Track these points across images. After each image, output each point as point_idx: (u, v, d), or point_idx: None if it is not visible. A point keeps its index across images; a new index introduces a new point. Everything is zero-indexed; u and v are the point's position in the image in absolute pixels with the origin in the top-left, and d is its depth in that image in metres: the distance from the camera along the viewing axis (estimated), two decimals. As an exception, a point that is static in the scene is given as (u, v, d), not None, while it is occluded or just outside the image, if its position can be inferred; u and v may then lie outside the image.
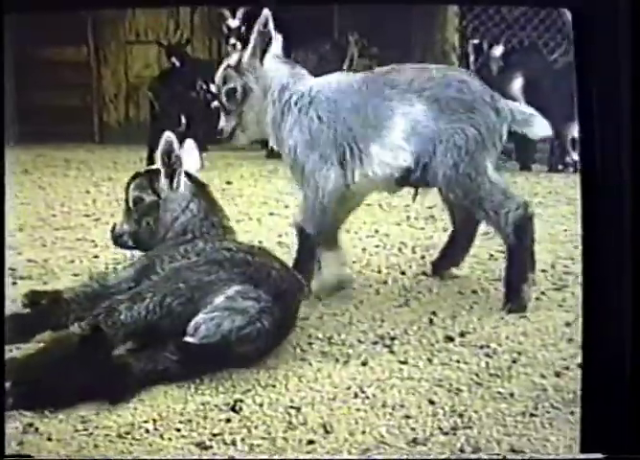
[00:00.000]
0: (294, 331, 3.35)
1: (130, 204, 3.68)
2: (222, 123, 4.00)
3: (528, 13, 9.99)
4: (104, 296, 3.33)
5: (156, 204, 3.62)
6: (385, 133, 3.79)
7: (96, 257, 4.79)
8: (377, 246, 4.95)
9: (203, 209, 3.62)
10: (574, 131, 7.32)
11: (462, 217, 4.15)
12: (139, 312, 3.02)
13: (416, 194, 4.09)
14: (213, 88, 7.51)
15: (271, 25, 3.82)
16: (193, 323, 3.02)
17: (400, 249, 4.86)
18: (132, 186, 3.66)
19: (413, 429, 2.64)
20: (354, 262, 4.57)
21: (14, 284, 4.20)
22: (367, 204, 5.36)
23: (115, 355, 3.00)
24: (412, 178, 3.86)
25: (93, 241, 5.19)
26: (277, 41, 3.92)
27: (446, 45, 9.80)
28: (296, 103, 3.86)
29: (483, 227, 4.20)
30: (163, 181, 3.60)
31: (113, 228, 3.79)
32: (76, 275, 4.40)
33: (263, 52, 3.88)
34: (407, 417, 2.72)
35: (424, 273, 4.35)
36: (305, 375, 3.05)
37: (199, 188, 3.68)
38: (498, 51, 8.82)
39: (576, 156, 7.57)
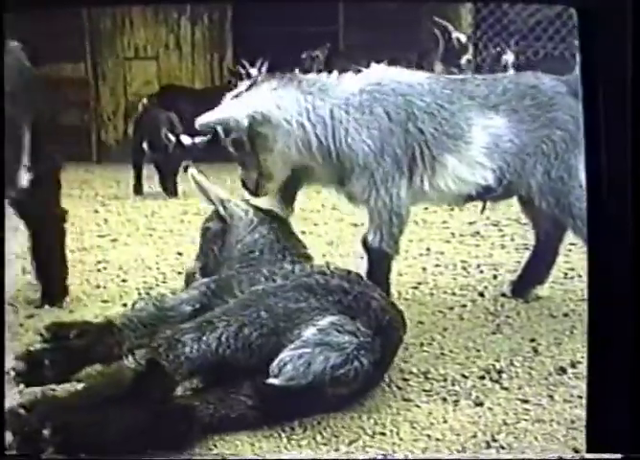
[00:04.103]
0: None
1: (200, 239, 3.42)
2: (242, 175, 3.40)
3: (543, 23, 9.68)
4: (163, 320, 2.88)
5: (222, 231, 3.30)
6: (463, 146, 3.40)
7: (124, 281, 4.26)
8: (437, 266, 4.46)
9: (274, 232, 3.23)
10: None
11: (547, 229, 3.77)
12: (208, 344, 2.51)
13: (484, 207, 3.71)
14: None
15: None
16: (277, 361, 2.50)
17: (464, 268, 4.37)
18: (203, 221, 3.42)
19: (573, 487, 2.15)
20: (418, 283, 4.11)
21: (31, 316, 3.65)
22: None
23: (177, 395, 2.50)
24: (489, 196, 3.52)
25: (118, 264, 4.63)
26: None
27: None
28: (353, 105, 3.35)
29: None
30: (230, 207, 3.31)
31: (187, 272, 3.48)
32: (105, 302, 3.91)
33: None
34: (559, 472, 2.22)
35: (504, 295, 3.85)
36: (416, 419, 2.56)
37: (270, 216, 3.33)
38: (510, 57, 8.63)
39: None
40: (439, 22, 8.49)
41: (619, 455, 2.02)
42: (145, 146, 7.46)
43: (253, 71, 8.18)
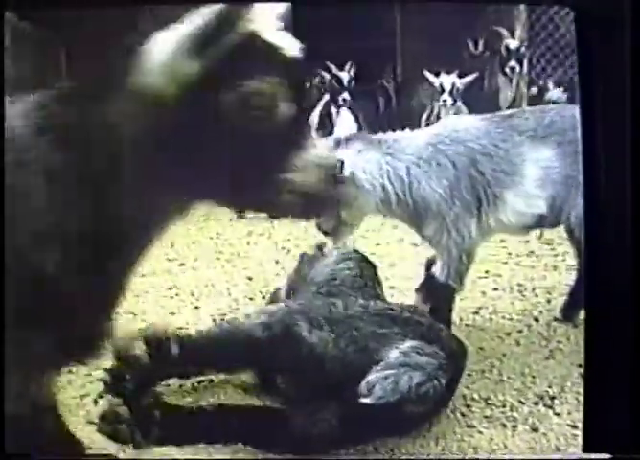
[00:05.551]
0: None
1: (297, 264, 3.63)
2: (321, 223, 3.68)
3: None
4: (236, 342, 3.06)
5: (315, 257, 3.54)
6: (519, 180, 3.65)
7: (197, 308, 4.50)
8: (495, 289, 4.67)
9: (359, 269, 3.43)
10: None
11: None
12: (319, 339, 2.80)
13: (542, 233, 4.02)
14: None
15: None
16: (364, 383, 2.70)
17: (520, 292, 4.58)
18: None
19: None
20: (479, 308, 4.31)
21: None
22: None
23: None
24: (544, 223, 3.78)
25: (189, 290, 4.88)
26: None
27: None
28: (423, 158, 3.62)
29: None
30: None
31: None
32: (180, 328, 4.07)
33: None
34: (608, 495, 2.43)
35: (556, 319, 4.07)
36: (479, 445, 2.79)
37: (361, 256, 3.53)
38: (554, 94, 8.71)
39: None
40: (494, 30, 8.62)
41: (608, 455, 2.12)
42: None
43: (343, 74, 8.27)
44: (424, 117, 7.86)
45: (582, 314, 3.86)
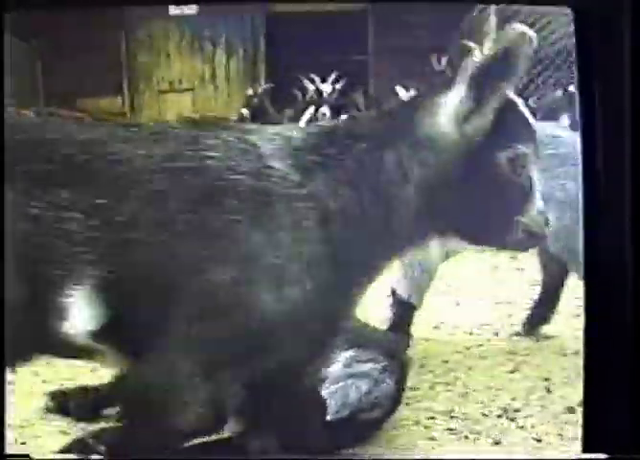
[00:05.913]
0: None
1: None
2: None
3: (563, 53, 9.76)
4: None
5: None
6: None
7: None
8: (457, 304, 4.75)
9: None
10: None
11: (552, 270, 4.05)
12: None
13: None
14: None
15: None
16: None
17: (482, 306, 4.66)
18: None
19: None
20: (441, 323, 4.35)
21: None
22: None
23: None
24: (539, 243, 3.71)
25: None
26: None
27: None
28: None
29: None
30: None
31: None
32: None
33: None
34: (573, 511, 2.49)
35: (518, 333, 4.13)
36: (441, 458, 2.84)
37: None
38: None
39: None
40: (466, 45, 8.59)
41: (604, 455, 2.12)
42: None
43: (325, 86, 8.37)
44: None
45: (543, 329, 3.97)
